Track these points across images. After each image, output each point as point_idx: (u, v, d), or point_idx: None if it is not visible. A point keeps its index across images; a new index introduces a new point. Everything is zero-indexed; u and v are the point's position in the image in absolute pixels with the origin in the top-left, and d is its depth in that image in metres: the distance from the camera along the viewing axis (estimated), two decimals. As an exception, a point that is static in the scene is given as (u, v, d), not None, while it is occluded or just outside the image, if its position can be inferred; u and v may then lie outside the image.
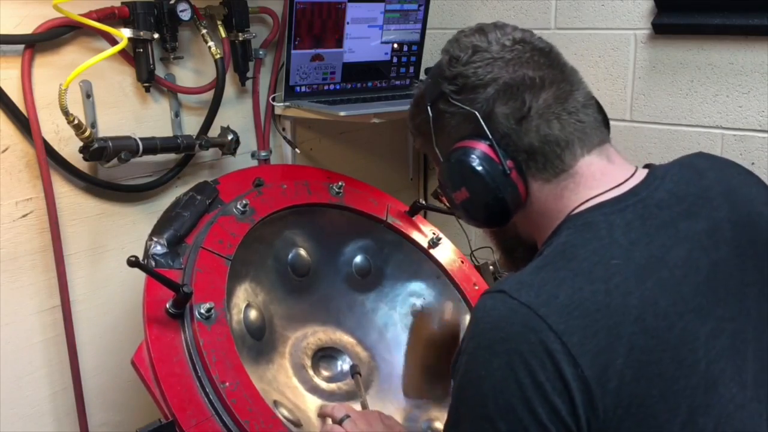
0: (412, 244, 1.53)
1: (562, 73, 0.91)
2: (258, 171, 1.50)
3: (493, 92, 0.88)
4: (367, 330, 1.47)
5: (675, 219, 0.84)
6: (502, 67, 0.89)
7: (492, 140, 0.89)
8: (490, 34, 0.92)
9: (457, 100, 0.91)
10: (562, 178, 0.89)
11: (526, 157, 0.89)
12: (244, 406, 1.06)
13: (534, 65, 0.89)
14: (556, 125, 0.88)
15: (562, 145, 0.88)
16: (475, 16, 1.98)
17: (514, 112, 0.88)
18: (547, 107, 0.88)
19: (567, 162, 0.88)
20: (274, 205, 1.36)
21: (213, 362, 1.08)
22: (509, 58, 0.89)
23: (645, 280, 0.78)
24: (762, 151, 1.59)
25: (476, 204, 0.92)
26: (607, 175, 0.89)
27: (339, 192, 1.47)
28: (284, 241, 1.42)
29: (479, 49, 0.91)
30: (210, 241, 1.22)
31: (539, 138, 0.88)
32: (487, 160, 0.89)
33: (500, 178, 0.89)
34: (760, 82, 1.57)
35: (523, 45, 0.91)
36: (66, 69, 1.30)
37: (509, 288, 0.78)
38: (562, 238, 0.84)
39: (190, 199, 1.30)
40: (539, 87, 0.88)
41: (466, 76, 0.90)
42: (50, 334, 1.39)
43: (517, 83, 0.88)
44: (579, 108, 0.90)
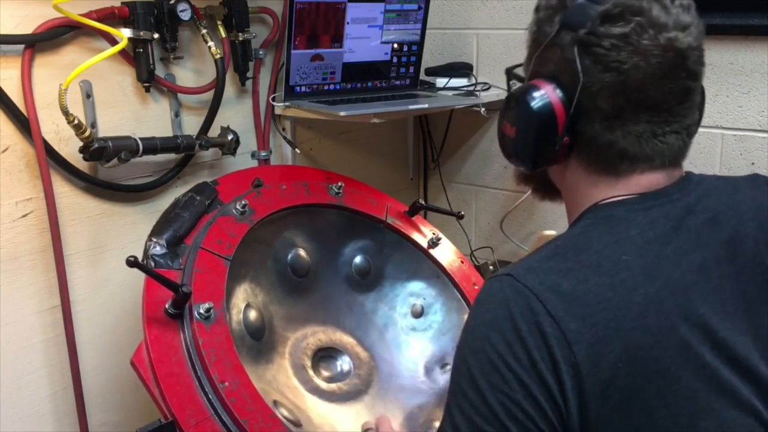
0: (412, 244, 1.53)
1: (680, 105, 0.84)
2: (257, 172, 1.50)
3: (608, 80, 0.81)
4: (367, 330, 1.47)
5: (699, 225, 0.84)
6: (635, 66, 0.81)
7: (571, 113, 0.84)
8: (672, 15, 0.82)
9: (579, 55, 0.82)
10: (606, 176, 0.87)
11: (586, 143, 0.86)
12: (243, 406, 1.06)
13: (663, 84, 0.82)
14: (633, 141, 0.84)
15: (626, 158, 0.85)
16: (475, 16, 1.98)
17: (606, 112, 0.83)
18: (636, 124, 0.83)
19: (621, 172, 0.86)
20: (273, 206, 1.36)
21: (212, 362, 1.08)
22: (651, 63, 0.81)
23: (653, 280, 0.79)
24: (762, 151, 1.59)
25: (515, 146, 0.91)
26: (652, 185, 0.86)
27: (338, 192, 1.47)
28: (284, 241, 1.42)
29: (646, 27, 0.80)
30: (209, 242, 1.22)
31: (607, 141, 0.84)
32: (551, 123, 0.85)
33: (548, 143, 0.86)
34: (760, 82, 1.57)
35: (676, 57, 0.82)
36: (66, 69, 1.30)
37: (516, 273, 0.80)
38: (579, 228, 0.85)
39: (189, 199, 1.31)
40: (647, 106, 0.83)
41: (603, 45, 0.81)
42: (50, 334, 1.39)
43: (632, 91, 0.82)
44: (672, 131, 0.85)
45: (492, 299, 0.81)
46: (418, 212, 1.58)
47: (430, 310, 1.52)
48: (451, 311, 1.51)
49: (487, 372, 0.77)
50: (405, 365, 1.45)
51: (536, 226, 2.02)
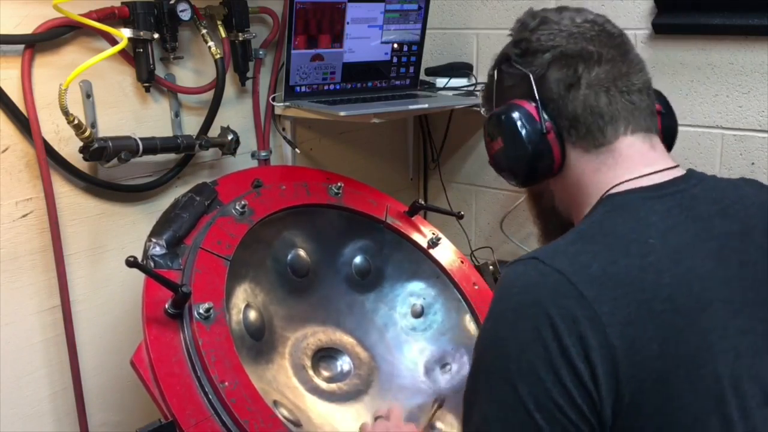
0: (412, 245, 1.53)
1: (623, 56, 0.93)
2: (257, 172, 1.50)
3: (549, 58, 0.92)
4: (367, 330, 1.47)
5: (711, 215, 0.86)
6: (564, 38, 0.92)
7: (537, 101, 0.92)
8: (566, 12, 0.96)
9: (518, 63, 0.95)
10: (601, 152, 0.91)
11: (569, 125, 0.92)
12: (243, 406, 1.06)
13: (596, 42, 0.92)
14: (604, 99, 0.90)
15: (606, 119, 0.90)
16: (475, 16, 1.98)
17: (564, 79, 0.91)
18: (598, 81, 0.90)
19: (608, 137, 0.90)
20: (273, 206, 1.36)
21: (212, 362, 1.08)
22: (574, 32, 0.92)
23: (678, 263, 0.80)
24: (762, 151, 1.59)
25: (508, 156, 0.96)
26: (648, 160, 0.90)
27: (338, 192, 1.47)
28: (283, 241, 1.42)
29: (549, 20, 0.95)
30: (209, 242, 1.22)
31: (584, 107, 0.90)
32: (528, 117, 0.92)
33: (536, 135, 0.92)
34: (760, 82, 1.57)
35: (593, 24, 0.94)
36: (66, 69, 1.30)
37: (542, 255, 0.80)
38: (599, 215, 0.86)
39: (188, 200, 1.31)
40: (595, 61, 0.91)
41: (530, 41, 0.94)
42: (50, 334, 1.39)
43: (574, 53, 0.91)
44: (633, 90, 0.92)
45: (517, 283, 0.80)
46: (417, 212, 1.58)
47: (430, 310, 1.52)
48: (451, 311, 1.51)
49: (514, 361, 0.76)
50: (405, 365, 1.45)
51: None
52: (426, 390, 1.43)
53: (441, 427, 1.34)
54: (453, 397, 1.38)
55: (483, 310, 1.46)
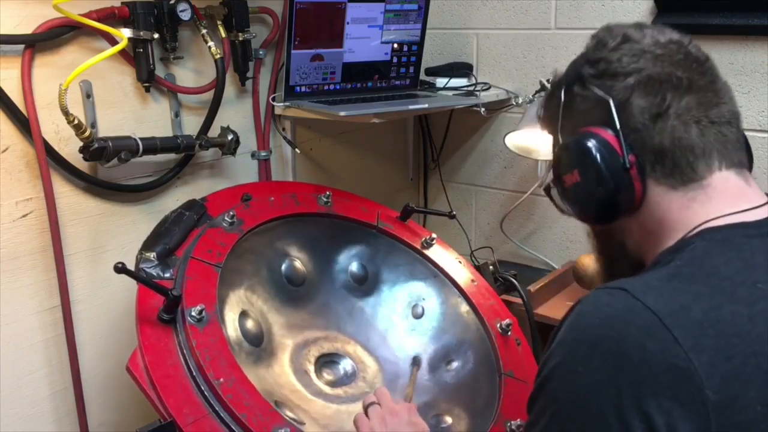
0: (406, 247, 1.53)
1: (712, 84, 0.84)
2: (246, 188, 1.50)
3: (633, 82, 0.82)
4: (369, 335, 1.47)
5: None
6: (649, 60, 0.83)
7: (619, 131, 0.82)
8: (647, 29, 0.87)
9: (595, 85, 0.85)
10: (690, 188, 0.81)
11: (653, 159, 0.82)
12: (240, 401, 1.06)
13: (684, 67, 0.83)
14: (695, 131, 0.81)
15: (698, 153, 0.81)
16: (475, 16, 1.98)
17: (650, 107, 0.81)
18: (688, 110, 0.81)
19: (700, 172, 0.81)
20: (262, 216, 1.37)
21: (207, 361, 1.08)
22: (659, 54, 0.83)
23: None
24: (762, 151, 1.59)
25: (584, 191, 0.86)
26: (745, 196, 0.81)
27: (327, 201, 1.48)
28: (276, 251, 1.41)
29: (630, 38, 0.85)
30: (199, 251, 1.23)
31: (672, 140, 0.81)
32: (608, 148, 0.82)
33: (617, 170, 0.82)
34: (760, 82, 1.57)
35: (678, 46, 0.85)
36: (66, 69, 1.30)
37: (633, 288, 0.71)
38: (699, 250, 0.76)
39: (178, 215, 1.32)
40: (684, 88, 0.82)
41: (610, 61, 0.84)
42: (50, 334, 1.39)
43: (661, 79, 0.82)
44: (723, 122, 0.83)
45: (599, 314, 0.71)
46: (410, 216, 1.57)
47: (430, 310, 1.52)
48: (451, 308, 1.50)
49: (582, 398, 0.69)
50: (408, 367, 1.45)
51: (536, 226, 2.02)
52: (431, 387, 1.42)
53: (448, 420, 1.34)
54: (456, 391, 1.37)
55: (482, 304, 1.46)
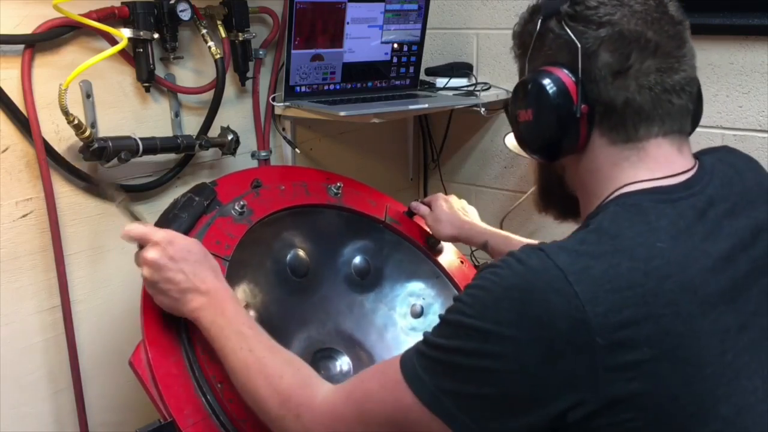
0: (411, 245, 1.53)
1: (678, 49, 0.88)
2: (256, 172, 1.50)
3: (604, 34, 0.86)
4: (367, 331, 1.47)
5: (720, 216, 0.85)
6: (625, 15, 0.86)
7: (580, 79, 0.87)
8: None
9: (568, 26, 0.88)
10: (627, 147, 0.88)
11: (603, 111, 0.87)
12: (241, 405, 1.05)
13: (656, 29, 0.87)
14: (647, 95, 0.86)
15: (643, 117, 0.87)
16: (475, 16, 1.98)
17: (614, 63, 0.86)
18: (647, 74, 0.86)
19: (640, 134, 0.88)
20: (272, 206, 1.36)
21: (210, 362, 1.08)
22: (637, 10, 0.87)
23: (685, 269, 0.78)
24: (762, 151, 1.59)
25: (534, 129, 0.92)
26: (670, 164, 0.88)
27: (338, 193, 1.47)
28: (282, 242, 1.41)
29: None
30: (207, 242, 1.22)
31: (625, 99, 0.86)
32: (565, 94, 0.87)
33: (568, 116, 0.88)
34: (760, 82, 1.57)
35: (658, 5, 0.88)
36: (66, 69, 1.30)
37: (549, 249, 0.78)
38: (609, 214, 0.83)
39: (188, 200, 1.30)
40: (651, 51, 0.86)
41: (588, 6, 0.87)
42: (50, 334, 1.39)
43: (632, 38, 0.86)
44: (677, 89, 0.88)
45: (514, 265, 0.78)
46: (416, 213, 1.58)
47: (430, 311, 1.52)
48: (451, 311, 1.51)
49: (482, 334, 0.77)
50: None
51: (536, 226, 2.02)
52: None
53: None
54: None
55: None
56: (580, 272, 0.75)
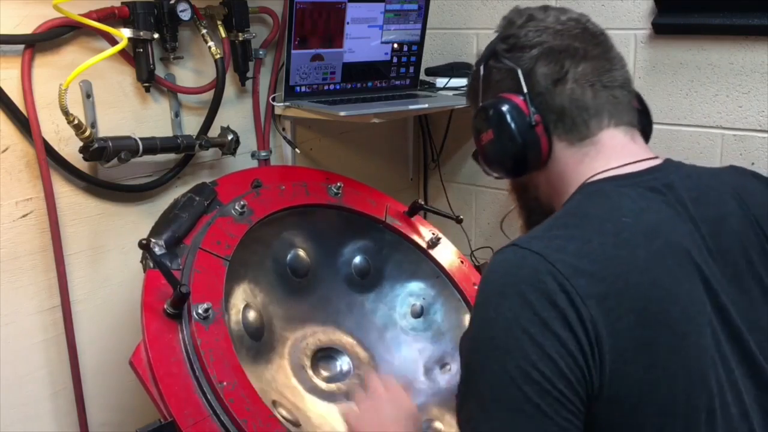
0: (411, 245, 1.53)
1: (606, 53, 0.97)
2: (256, 172, 1.50)
3: (537, 53, 0.95)
4: (367, 330, 1.47)
5: (683, 202, 0.89)
6: (550, 35, 0.96)
7: (526, 95, 0.95)
8: (551, 10, 1.00)
9: (506, 58, 0.98)
10: (585, 144, 0.94)
11: (555, 118, 0.95)
12: (241, 406, 1.06)
13: (581, 39, 0.96)
14: (589, 93, 0.94)
15: (591, 112, 0.94)
16: (475, 16, 1.98)
17: (552, 74, 0.94)
18: (584, 75, 0.94)
19: (592, 129, 0.94)
20: (272, 206, 1.36)
21: (210, 362, 1.08)
22: (559, 29, 0.96)
23: (654, 239, 0.83)
24: (762, 151, 1.59)
25: (497, 147, 0.98)
26: (627, 151, 0.94)
27: (338, 193, 1.48)
28: (283, 242, 1.42)
29: (534, 17, 0.99)
30: (208, 242, 1.22)
31: (570, 101, 0.94)
32: (517, 110, 0.95)
33: (525, 128, 0.94)
34: (760, 82, 1.57)
35: (576, 23, 0.98)
36: (66, 69, 1.30)
37: (520, 241, 0.84)
38: (574, 202, 0.90)
39: (188, 200, 1.31)
40: (580, 57, 0.94)
41: (518, 37, 0.97)
42: (50, 334, 1.39)
43: (561, 49, 0.95)
44: (615, 86, 0.95)
45: (498, 269, 0.83)
46: (417, 212, 1.58)
47: (430, 311, 1.52)
48: (451, 311, 1.51)
49: (501, 339, 0.79)
50: (404, 365, 1.45)
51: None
52: (426, 390, 1.43)
53: (440, 428, 1.34)
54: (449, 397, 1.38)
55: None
56: (556, 252, 0.80)
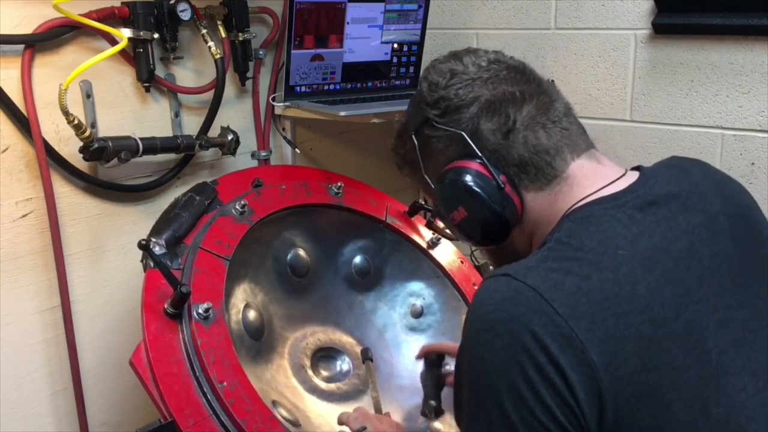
0: (412, 244, 1.53)
1: (539, 86, 0.93)
2: (257, 172, 1.50)
3: (476, 110, 0.90)
4: (367, 330, 1.47)
5: (674, 213, 0.86)
6: (481, 86, 0.91)
7: (482, 157, 0.90)
8: (465, 58, 0.95)
9: (442, 123, 0.92)
10: (554, 184, 0.90)
11: (518, 170, 0.90)
12: (241, 406, 1.06)
13: (512, 81, 0.92)
14: (543, 134, 0.90)
15: (552, 153, 0.90)
16: (475, 16, 1.97)
17: (500, 127, 0.90)
18: (531, 118, 0.90)
19: (558, 168, 0.90)
20: (273, 206, 1.36)
21: (211, 362, 1.08)
22: (487, 77, 0.92)
23: (651, 271, 0.79)
24: (762, 151, 1.59)
25: (475, 222, 0.93)
26: (600, 175, 0.90)
27: (338, 192, 1.48)
28: (283, 241, 1.42)
29: (456, 72, 0.93)
30: (208, 242, 1.22)
31: (528, 149, 0.89)
32: (481, 176, 0.90)
33: (495, 193, 0.90)
34: (760, 82, 1.56)
35: (498, 64, 0.94)
36: (66, 69, 1.30)
37: (514, 272, 0.78)
38: (565, 230, 0.84)
39: (188, 199, 1.31)
40: (521, 101, 0.90)
41: (448, 98, 0.92)
42: (50, 334, 1.39)
43: (499, 99, 0.90)
44: (561, 117, 0.92)
45: (489, 300, 0.78)
46: (417, 212, 1.58)
47: (430, 310, 1.52)
48: (451, 311, 1.51)
49: (495, 380, 0.75)
50: (404, 365, 1.45)
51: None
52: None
53: (439, 428, 1.34)
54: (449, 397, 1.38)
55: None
56: (553, 288, 0.75)
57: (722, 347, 0.80)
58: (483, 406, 0.77)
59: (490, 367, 0.75)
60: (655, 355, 0.75)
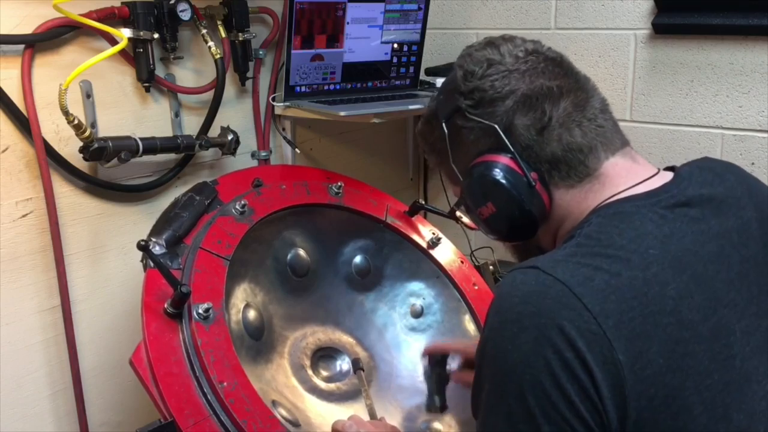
0: (412, 244, 1.53)
1: (577, 82, 0.92)
2: (257, 171, 1.50)
3: (512, 104, 0.88)
4: (367, 330, 1.47)
5: (706, 216, 0.84)
6: (518, 79, 0.89)
7: (514, 153, 0.88)
8: (502, 46, 0.93)
9: (475, 115, 0.90)
10: (586, 182, 0.89)
11: (549, 167, 0.89)
12: (241, 406, 1.06)
13: (549, 75, 0.90)
14: (578, 132, 0.88)
15: (585, 151, 0.88)
16: (475, 16, 1.98)
17: (534, 123, 0.88)
18: (567, 115, 0.88)
19: (591, 166, 0.88)
20: (273, 206, 1.36)
21: (211, 362, 1.08)
22: (524, 69, 0.90)
23: (681, 273, 0.78)
24: (762, 151, 1.59)
25: (503, 218, 0.92)
26: (633, 173, 0.89)
27: (338, 192, 1.48)
28: (283, 241, 1.42)
29: (494, 62, 0.91)
30: (208, 242, 1.22)
31: (562, 147, 0.88)
32: (511, 172, 0.88)
33: (525, 190, 0.88)
34: (760, 82, 1.57)
35: (536, 55, 0.91)
36: (66, 69, 1.30)
37: (543, 264, 0.77)
38: (594, 225, 0.82)
39: (188, 199, 1.30)
40: (558, 96, 0.89)
41: (483, 89, 0.90)
42: (50, 334, 1.39)
43: (536, 93, 0.88)
44: (597, 114, 0.90)
45: (516, 293, 0.76)
46: (417, 212, 1.58)
47: (430, 310, 1.52)
48: (451, 311, 1.51)
49: (519, 373, 0.74)
50: (404, 365, 1.45)
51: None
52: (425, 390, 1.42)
53: (438, 427, 1.34)
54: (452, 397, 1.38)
55: (483, 311, 1.46)
56: (582, 284, 0.74)
57: (746, 354, 0.79)
58: (504, 399, 0.75)
59: (514, 360, 0.74)
60: (680, 357, 0.74)
